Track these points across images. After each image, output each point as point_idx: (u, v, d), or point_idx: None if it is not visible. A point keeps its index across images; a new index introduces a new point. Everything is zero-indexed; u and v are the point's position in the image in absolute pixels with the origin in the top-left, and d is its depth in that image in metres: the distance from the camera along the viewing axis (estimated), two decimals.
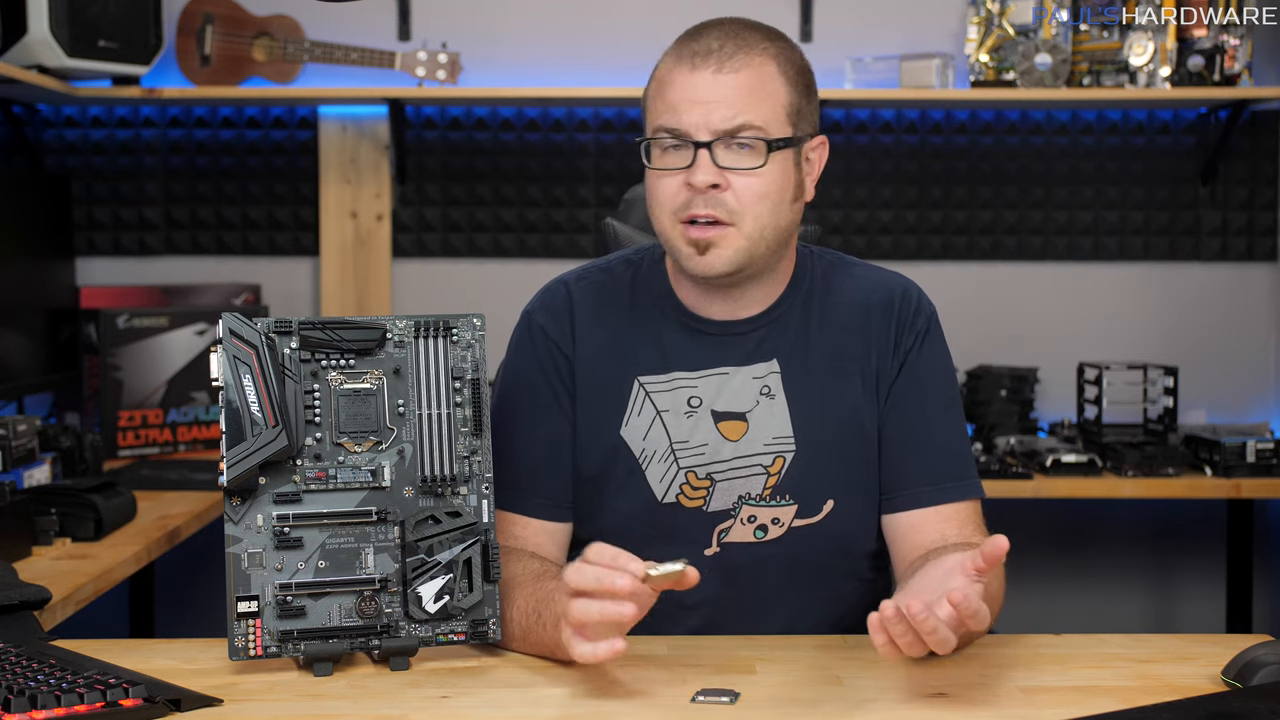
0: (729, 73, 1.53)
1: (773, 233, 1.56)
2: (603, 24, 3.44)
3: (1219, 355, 3.51)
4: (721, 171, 1.52)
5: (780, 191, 1.55)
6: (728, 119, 1.52)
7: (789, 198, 1.57)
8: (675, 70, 1.55)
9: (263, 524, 1.40)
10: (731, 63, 1.53)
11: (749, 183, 1.53)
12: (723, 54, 1.53)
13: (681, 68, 1.54)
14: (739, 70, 1.53)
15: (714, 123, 1.52)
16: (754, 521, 1.61)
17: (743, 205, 1.53)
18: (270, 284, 3.48)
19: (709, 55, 1.53)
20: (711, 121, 1.52)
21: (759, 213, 1.53)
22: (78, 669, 1.30)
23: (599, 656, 1.30)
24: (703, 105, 1.52)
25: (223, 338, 1.39)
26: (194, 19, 3.31)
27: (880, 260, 3.40)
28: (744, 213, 1.53)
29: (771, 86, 1.55)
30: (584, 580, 1.30)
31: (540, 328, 1.66)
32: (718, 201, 1.53)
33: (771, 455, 1.61)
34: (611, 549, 1.32)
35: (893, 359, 1.64)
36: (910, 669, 1.41)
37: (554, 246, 3.48)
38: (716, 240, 1.53)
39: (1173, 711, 1.24)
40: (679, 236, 1.55)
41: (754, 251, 1.55)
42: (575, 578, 1.31)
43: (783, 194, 1.56)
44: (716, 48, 1.54)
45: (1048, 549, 3.54)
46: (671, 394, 1.62)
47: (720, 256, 1.54)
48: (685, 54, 1.55)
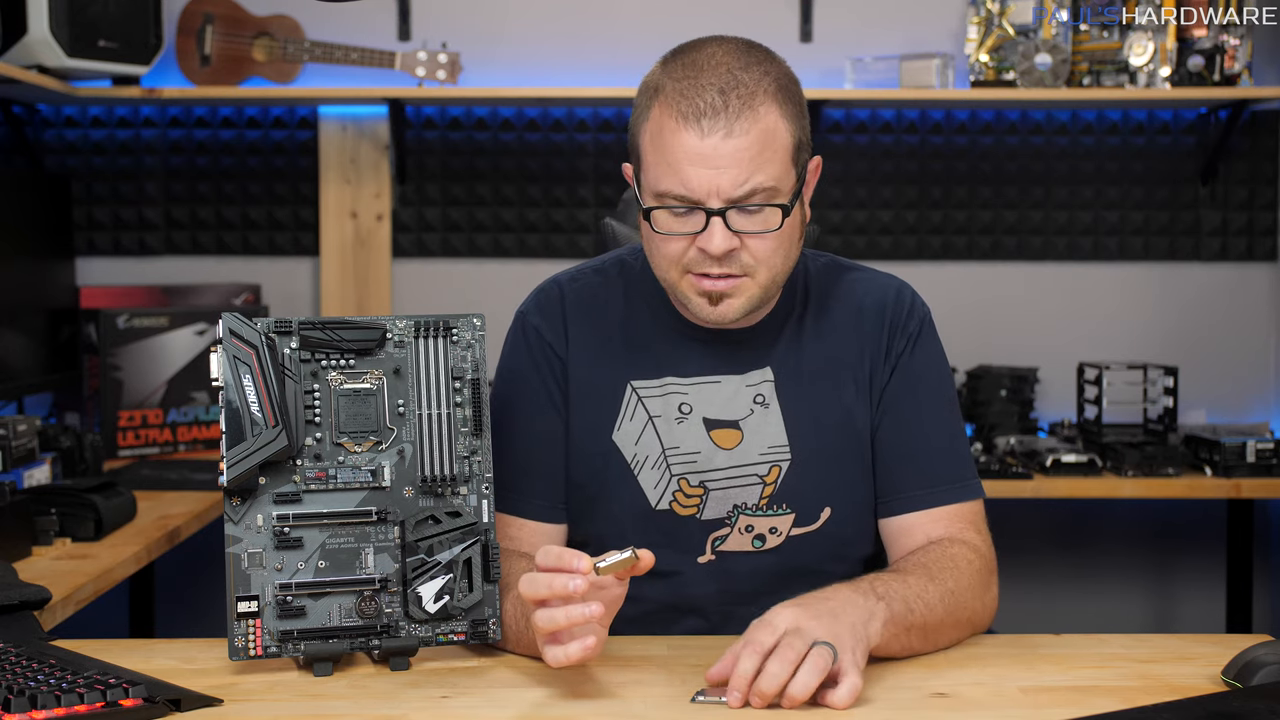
0: (739, 135, 1.45)
1: (784, 274, 1.54)
2: (602, 24, 3.45)
3: (1219, 355, 3.51)
4: (735, 235, 1.48)
5: (791, 240, 1.53)
6: (739, 184, 1.46)
7: (798, 237, 1.56)
8: (680, 132, 1.46)
9: (263, 524, 1.40)
10: (740, 124, 1.45)
11: (763, 243, 1.49)
12: (729, 114, 1.45)
13: (687, 131, 1.46)
14: (748, 131, 1.45)
15: (725, 189, 1.46)
16: (751, 531, 1.61)
17: (758, 261, 1.50)
18: (270, 284, 3.48)
19: (716, 116, 1.45)
20: (723, 188, 1.46)
21: (774, 264, 1.51)
22: (78, 669, 1.30)
23: (571, 658, 1.29)
24: (712, 171, 1.45)
25: (223, 338, 1.39)
26: (194, 19, 3.31)
27: (880, 260, 3.40)
28: (759, 266, 1.50)
29: (779, 139, 1.48)
30: (537, 590, 1.29)
31: (534, 328, 1.66)
32: (732, 259, 1.49)
33: (767, 465, 1.60)
34: (557, 549, 1.30)
35: (885, 362, 1.63)
36: (910, 669, 1.41)
37: (554, 246, 3.48)
38: (731, 291, 1.51)
39: (1173, 711, 1.24)
40: (690, 288, 1.52)
41: (767, 297, 1.54)
42: (529, 589, 1.30)
43: (794, 239, 1.54)
44: (721, 105, 1.45)
45: (1048, 549, 3.54)
46: (663, 399, 1.62)
47: (734, 306, 1.52)
48: (688, 113, 1.46)
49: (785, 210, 1.49)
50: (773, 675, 1.25)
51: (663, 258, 1.53)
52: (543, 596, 1.29)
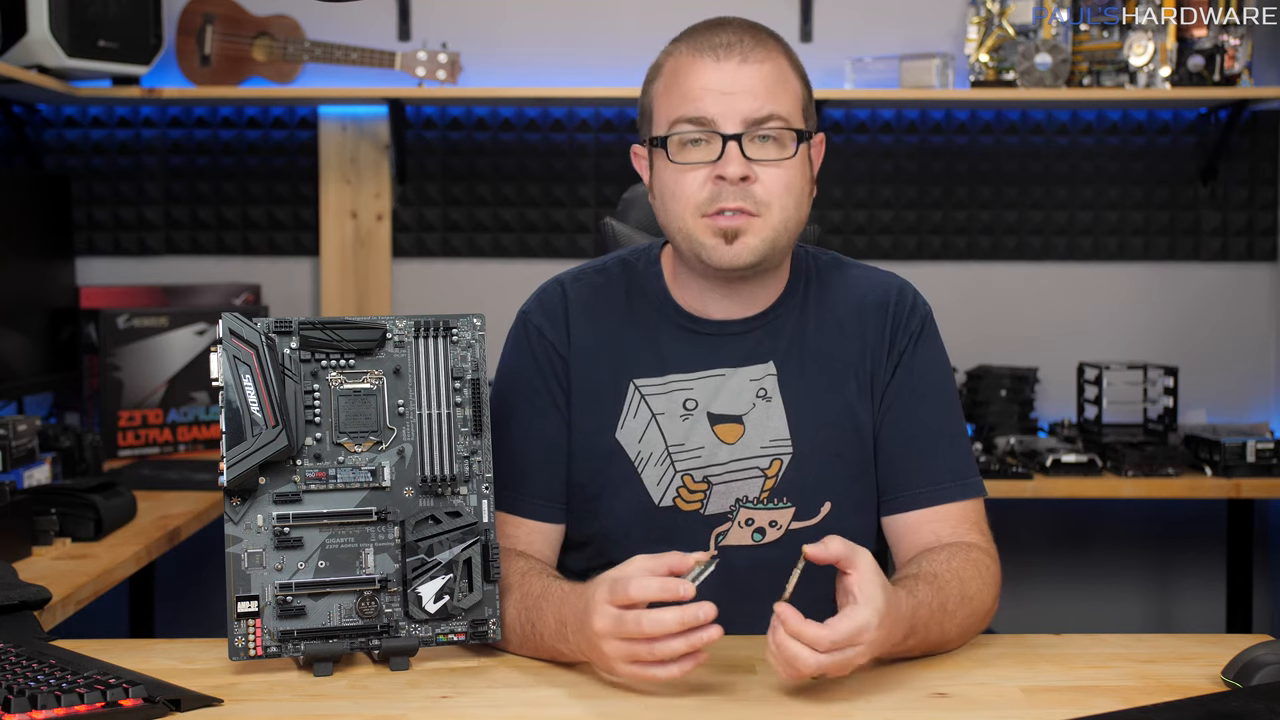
0: (754, 63, 1.52)
1: (795, 225, 1.57)
2: (602, 24, 3.45)
3: (1219, 355, 3.51)
4: (750, 163, 1.52)
5: (802, 184, 1.56)
6: (756, 109, 1.51)
7: (808, 191, 1.59)
8: (696, 62, 1.53)
9: (263, 524, 1.40)
10: (755, 54, 1.53)
11: (777, 174, 1.53)
12: (744, 46, 1.53)
13: (702, 59, 1.53)
14: (763, 62, 1.53)
15: (742, 113, 1.51)
16: (751, 525, 1.61)
17: (771, 196, 1.52)
18: (270, 284, 3.48)
19: (731, 47, 1.53)
20: (740, 111, 1.51)
21: (785, 204, 1.54)
22: (78, 669, 1.30)
23: (688, 667, 1.29)
24: (729, 95, 1.51)
25: (223, 338, 1.39)
26: (194, 19, 3.31)
27: (880, 260, 3.40)
28: (772, 204, 1.53)
29: (790, 80, 1.56)
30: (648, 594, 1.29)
31: (536, 328, 1.66)
32: (746, 194, 1.52)
33: (769, 458, 1.60)
34: (658, 582, 1.29)
35: (887, 360, 1.63)
36: (910, 669, 1.41)
37: (554, 246, 3.48)
38: (745, 228, 1.52)
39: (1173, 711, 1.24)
40: (704, 229, 1.54)
41: (777, 243, 1.55)
42: (640, 592, 1.29)
43: (804, 186, 1.57)
44: (736, 41, 1.53)
45: (1048, 549, 3.54)
46: (667, 396, 1.62)
47: (748, 246, 1.53)
48: (704, 46, 1.54)
49: (800, 136, 1.53)
50: (804, 663, 1.26)
51: (676, 200, 1.55)
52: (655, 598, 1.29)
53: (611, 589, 1.31)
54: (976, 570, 1.50)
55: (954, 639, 1.47)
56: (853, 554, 1.31)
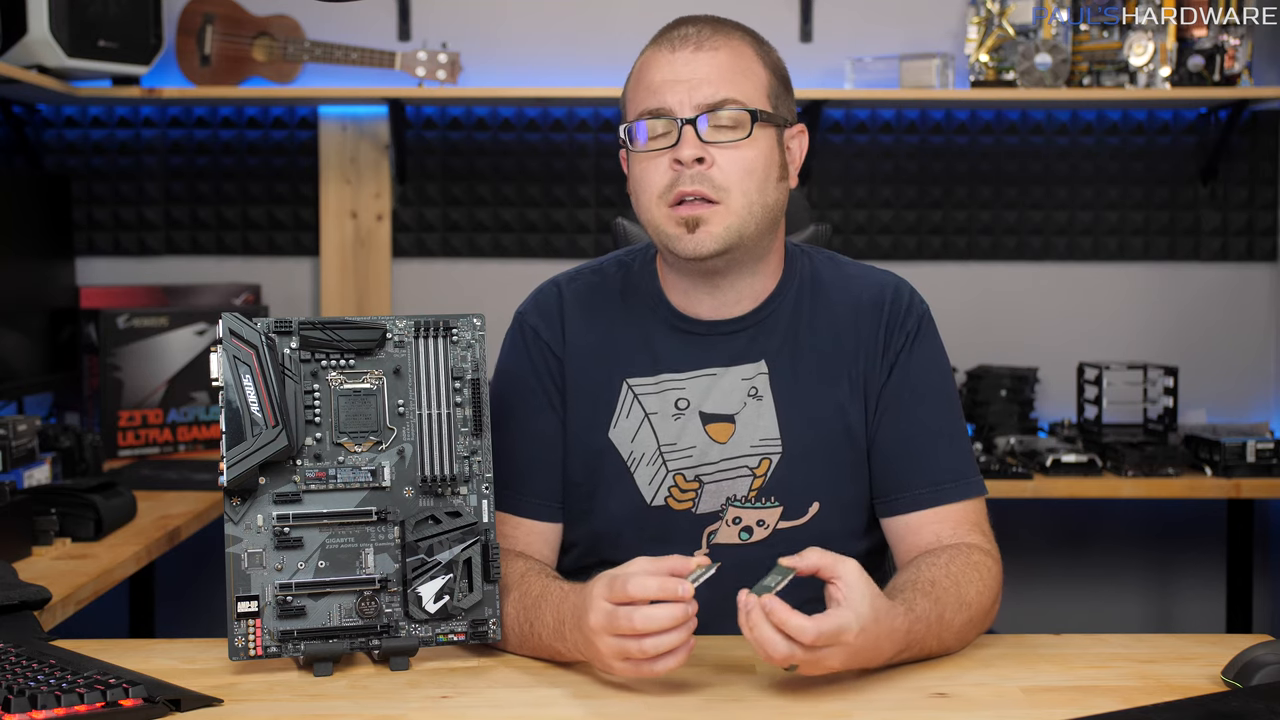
0: (709, 50, 1.55)
1: (760, 210, 1.55)
2: (603, 24, 3.45)
3: (1219, 355, 3.51)
4: (706, 146, 1.53)
5: (766, 168, 1.56)
6: (710, 95, 1.53)
7: (775, 176, 1.57)
8: (654, 56, 1.58)
9: (263, 524, 1.40)
10: (711, 41, 1.56)
11: (735, 156, 1.53)
12: (700, 36, 1.56)
13: (660, 52, 1.57)
14: (719, 49, 1.55)
15: (696, 98, 1.53)
16: (739, 523, 1.61)
17: (729, 181, 1.53)
18: (270, 284, 3.48)
19: (686, 38, 1.56)
20: (694, 98, 1.53)
21: (746, 188, 1.54)
22: (78, 669, 1.30)
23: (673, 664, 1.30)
24: (684, 84, 1.54)
25: (223, 338, 1.39)
26: (194, 19, 3.31)
27: (880, 260, 3.40)
28: (731, 189, 1.53)
29: (751, 67, 1.57)
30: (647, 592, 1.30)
31: (532, 329, 1.66)
32: (704, 178, 1.52)
33: (758, 457, 1.60)
34: (657, 581, 1.30)
35: (882, 360, 1.63)
36: (910, 669, 1.41)
37: (554, 246, 3.48)
38: (706, 218, 1.53)
39: (1173, 711, 1.24)
40: (666, 219, 1.55)
41: (743, 230, 1.54)
42: (639, 590, 1.29)
43: (768, 170, 1.56)
44: (694, 32, 1.57)
45: (1048, 549, 3.54)
46: (660, 396, 1.62)
47: (710, 234, 1.53)
48: (663, 41, 1.58)
49: (755, 116, 1.54)
50: (775, 647, 1.27)
51: (644, 191, 1.57)
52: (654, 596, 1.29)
53: (610, 586, 1.31)
54: (976, 573, 1.50)
55: (952, 646, 1.47)
56: (835, 563, 1.31)
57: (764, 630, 1.27)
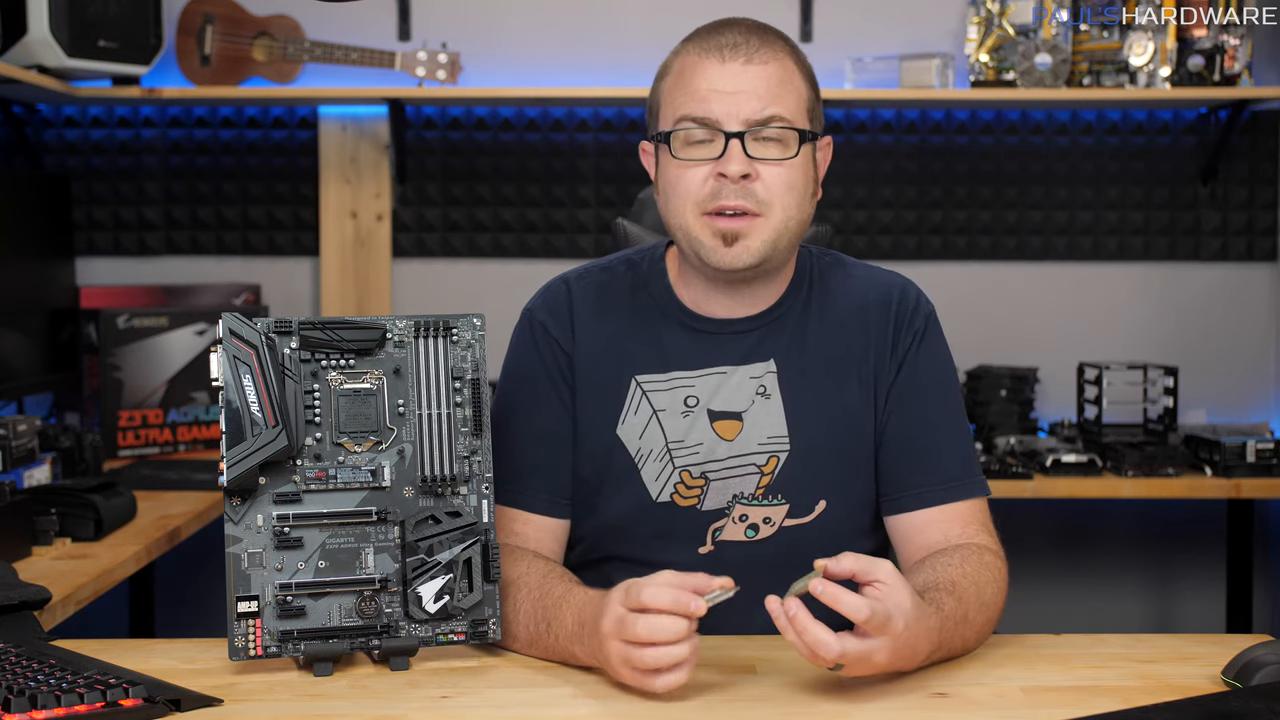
0: (759, 64, 1.54)
1: (797, 225, 1.57)
2: (603, 24, 3.45)
3: (1219, 355, 3.51)
4: (752, 162, 1.52)
5: (805, 184, 1.57)
6: (759, 110, 1.53)
7: (810, 191, 1.59)
8: (702, 62, 1.55)
9: (263, 524, 1.40)
10: (760, 55, 1.55)
11: (779, 173, 1.54)
12: (749, 47, 1.55)
13: (708, 59, 1.55)
14: (768, 63, 1.55)
15: (745, 113, 1.53)
16: (745, 520, 1.61)
17: (772, 196, 1.53)
18: (270, 284, 3.48)
19: (736, 48, 1.55)
20: (743, 111, 1.53)
21: (787, 204, 1.54)
22: (78, 669, 1.30)
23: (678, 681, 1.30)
24: (732, 95, 1.53)
25: (223, 338, 1.39)
26: (194, 19, 3.31)
27: (880, 260, 3.40)
28: (773, 203, 1.53)
29: (795, 82, 1.57)
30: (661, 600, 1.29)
31: (541, 325, 1.67)
32: (748, 192, 1.53)
33: (765, 455, 1.61)
34: (671, 593, 1.29)
35: (890, 360, 1.64)
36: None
37: (554, 246, 3.48)
38: (745, 231, 1.53)
39: (1173, 711, 1.24)
40: (704, 229, 1.54)
41: (779, 244, 1.56)
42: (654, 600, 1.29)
43: (806, 187, 1.58)
44: (742, 41, 1.55)
45: (1048, 549, 3.54)
46: (669, 393, 1.62)
47: (748, 248, 1.54)
48: (710, 47, 1.56)
49: (803, 136, 1.55)
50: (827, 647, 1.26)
51: (678, 196, 1.56)
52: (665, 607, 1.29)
53: (627, 593, 1.31)
54: (991, 575, 1.50)
55: (972, 646, 1.47)
56: (871, 566, 1.31)
57: (816, 631, 1.26)
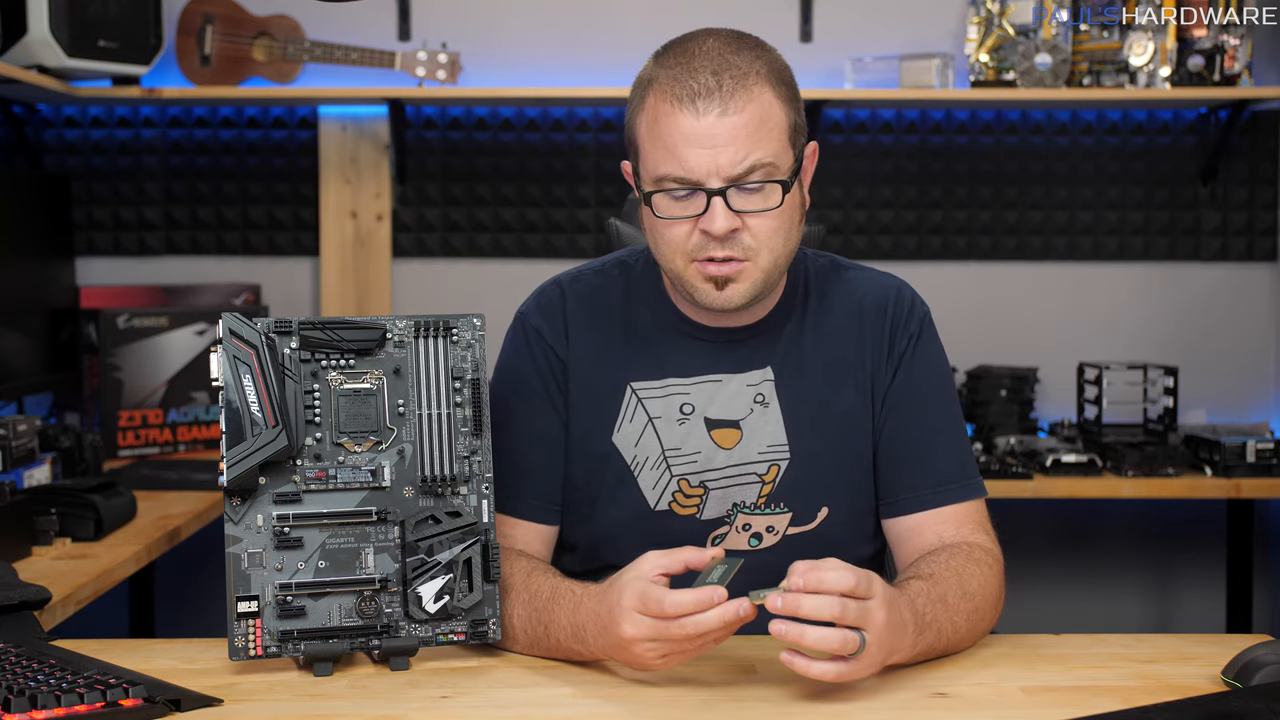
0: (734, 114, 1.46)
1: (786, 257, 1.55)
2: (603, 24, 3.45)
3: (1219, 355, 3.51)
4: (737, 215, 1.48)
5: (791, 220, 1.53)
6: (737, 163, 1.46)
7: (799, 219, 1.56)
8: (676, 114, 1.47)
9: (263, 524, 1.40)
10: (734, 102, 1.46)
11: (764, 222, 1.50)
12: (723, 93, 1.46)
13: (683, 112, 1.47)
14: (744, 109, 1.46)
15: (724, 168, 1.46)
16: (749, 530, 1.61)
17: (759, 243, 1.50)
18: (270, 284, 3.48)
19: (710, 97, 1.46)
20: (721, 167, 1.46)
21: (774, 246, 1.51)
22: (78, 669, 1.30)
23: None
24: (709, 151, 1.46)
25: (223, 338, 1.39)
26: (194, 19, 3.31)
27: (880, 260, 3.41)
28: (760, 249, 1.50)
29: (773, 116, 1.49)
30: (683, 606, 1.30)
31: (534, 329, 1.66)
32: (735, 242, 1.49)
33: (766, 464, 1.60)
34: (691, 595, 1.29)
35: (887, 363, 1.63)
36: (910, 669, 1.41)
37: (554, 246, 3.48)
38: (735, 275, 1.51)
39: (1173, 711, 1.24)
40: (695, 274, 1.52)
41: (769, 279, 1.54)
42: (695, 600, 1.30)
43: (794, 220, 1.54)
44: (715, 86, 1.46)
45: (1048, 549, 3.54)
46: (665, 400, 1.62)
47: (739, 291, 1.52)
48: (683, 95, 1.47)
49: (785, 186, 1.49)
50: (816, 608, 1.26)
51: (666, 245, 1.53)
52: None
53: (643, 601, 1.31)
54: (977, 566, 1.50)
55: (965, 635, 1.46)
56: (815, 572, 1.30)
57: (813, 632, 1.26)
